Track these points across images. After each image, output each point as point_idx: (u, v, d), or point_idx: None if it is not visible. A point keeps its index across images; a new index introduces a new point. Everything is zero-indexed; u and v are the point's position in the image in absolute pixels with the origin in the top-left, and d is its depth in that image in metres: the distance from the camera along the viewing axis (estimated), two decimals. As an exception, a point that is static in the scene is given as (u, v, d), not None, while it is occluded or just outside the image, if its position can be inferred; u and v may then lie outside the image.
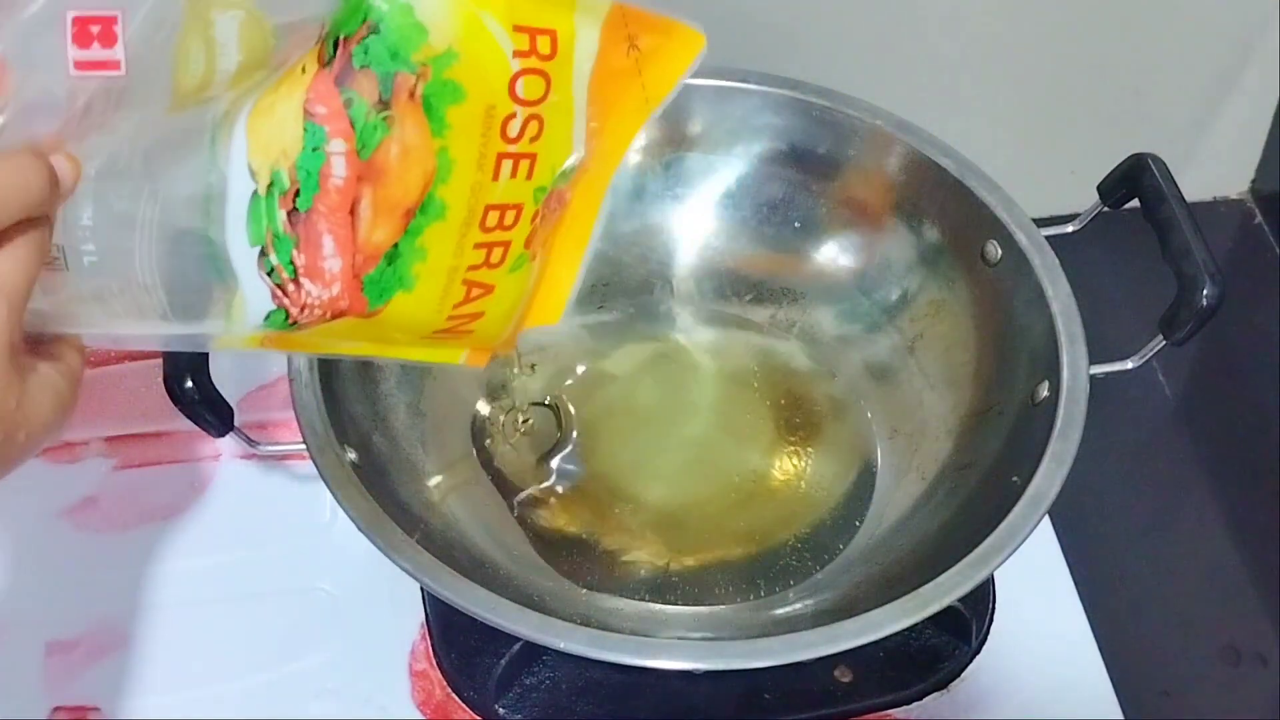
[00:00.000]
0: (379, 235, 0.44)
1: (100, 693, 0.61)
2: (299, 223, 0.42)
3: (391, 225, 0.45)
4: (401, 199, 0.45)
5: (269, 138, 0.42)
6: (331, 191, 0.43)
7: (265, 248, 0.42)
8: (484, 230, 0.48)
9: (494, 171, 0.47)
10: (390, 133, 0.44)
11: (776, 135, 0.71)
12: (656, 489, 0.67)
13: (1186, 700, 0.68)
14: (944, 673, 0.63)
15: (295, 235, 0.42)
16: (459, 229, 0.47)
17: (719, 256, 0.74)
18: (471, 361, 0.52)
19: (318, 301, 0.44)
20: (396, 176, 0.44)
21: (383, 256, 0.45)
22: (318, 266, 0.43)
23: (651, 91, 0.51)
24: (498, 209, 0.48)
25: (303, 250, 0.43)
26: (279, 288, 0.43)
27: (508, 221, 0.49)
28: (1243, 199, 0.96)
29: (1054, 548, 0.68)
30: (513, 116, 0.47)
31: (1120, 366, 0.59)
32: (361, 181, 0.43)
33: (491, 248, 0.49)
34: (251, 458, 0.69)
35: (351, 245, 0.44)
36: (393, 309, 0.46)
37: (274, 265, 0.42)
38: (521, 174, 0.48)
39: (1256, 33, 0.86)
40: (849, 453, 0.68)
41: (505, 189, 0.48)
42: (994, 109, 0.87)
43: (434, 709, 0.62)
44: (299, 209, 0.42)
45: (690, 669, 0.51)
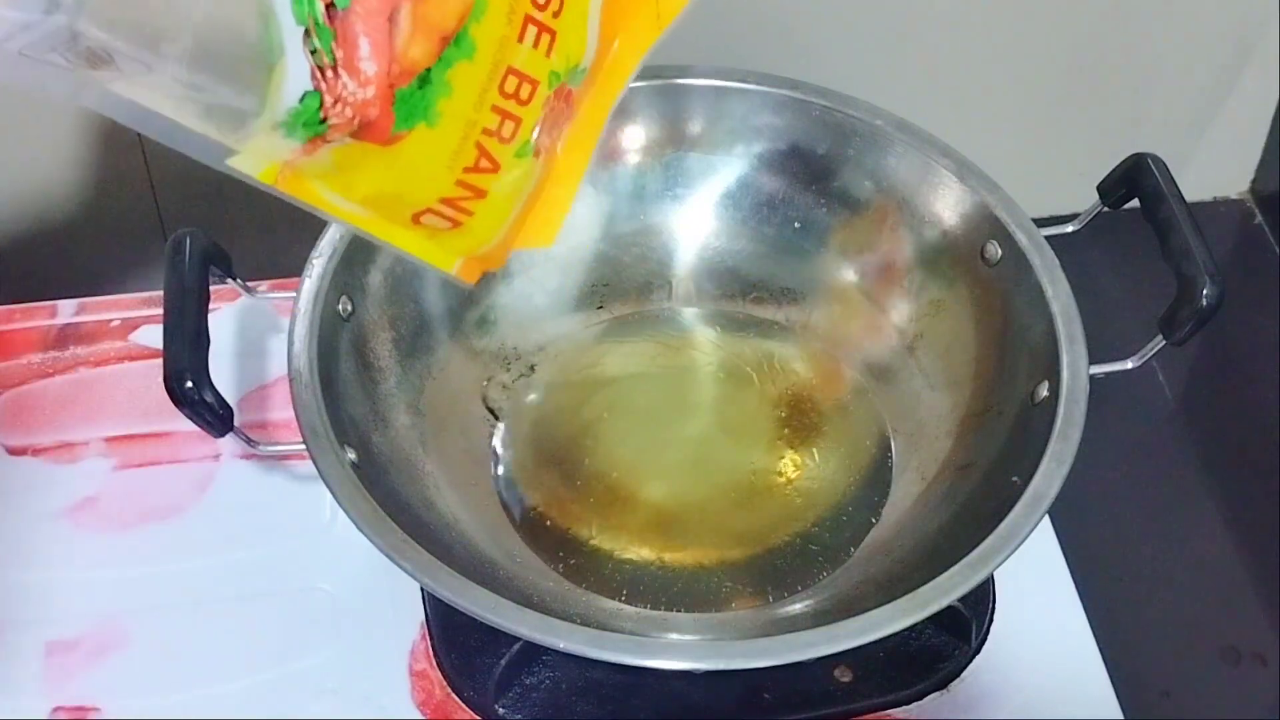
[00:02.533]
0: (415, 52, 0.45)
1: (100, 693, 0.61)
2: (336, 18, 0.43)
3: (428, 46, 0.45)
4: (439, 22, 0.45)
5: None
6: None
7: (309, 30, 0.42)
8: (502, 95, 0.49)
9: (520, 32, 0.48)
10: None
11: (776, 135, 0.71)
12: (657, 489, 0.67)
13: (1186, 700, 0.68)
14: (944, 673, 0.63)
15: (333, 29, 0.43)
16: (483, 79, 0.48)
17: (719, 256, 0.74)
18: (464, 274, 0.52)
19: (352, 98, 0.44)
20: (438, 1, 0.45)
21: (416, 76, 0.45)
22: (355, 64, 0.44)
23: (664, 15, 0.52)
24: (517, 76, 0.49)
25: (340, 45, 0.43)
26: (319, 70, 0.43)
27: (524, 95, 0.49)
28: (1243, 199, 0.96)
29: (1054, 548, 0.67)
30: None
31: (1120, 366, 0.59)
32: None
33: (505, 117, 0.49)
34: (251, 458, 0.69)
35: (388, 53, 0.44)
36: (412, 141, 0.46)
37: (316, 47, 0.43)
38: (543, 47, 0.49)
39: (1256, 33, 0.87)
40: (854, 452, 0.68)
41: (527, 57, 0.49)
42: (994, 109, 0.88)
43: (434, 709, 0.62)
44: (337, 5, 0.43)
45: (690, 669, 0.51)
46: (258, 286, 0.66)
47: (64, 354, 0.74)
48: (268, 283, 0.71)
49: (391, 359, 0.65)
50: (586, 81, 0.53)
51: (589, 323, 0.73)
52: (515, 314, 0.71)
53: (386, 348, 0.65)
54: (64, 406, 0.72)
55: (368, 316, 0.64)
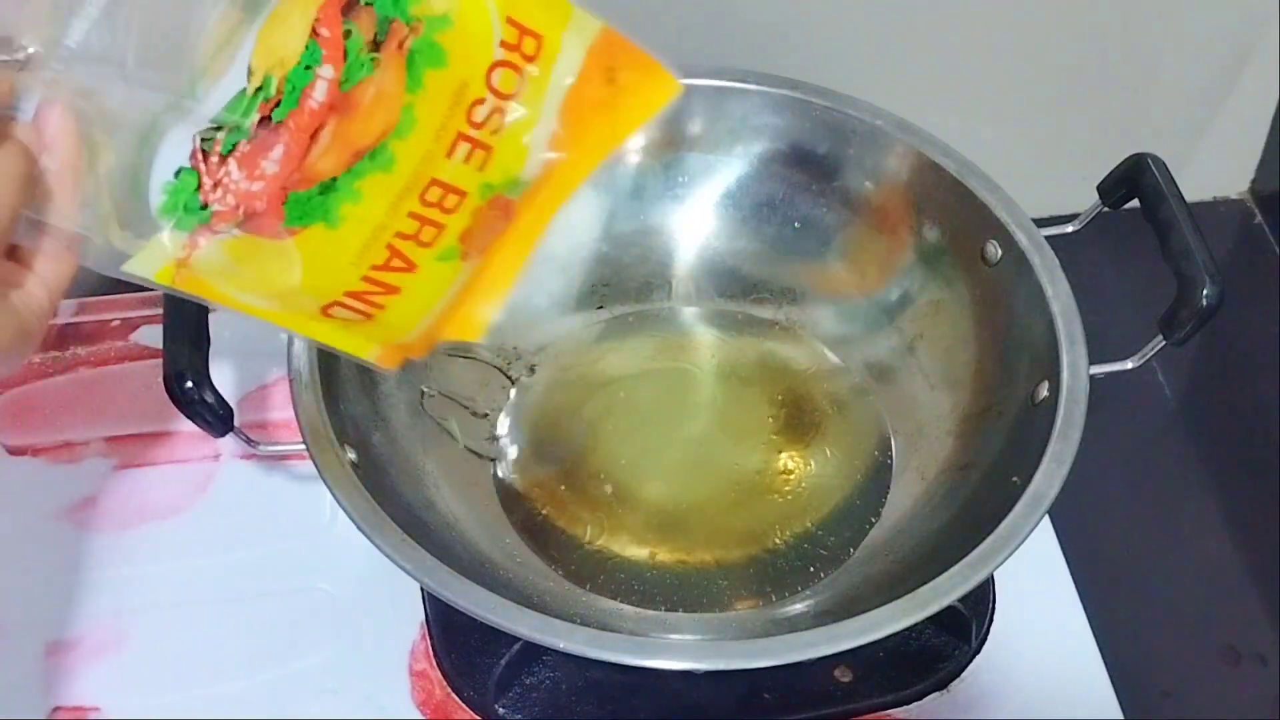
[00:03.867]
0: (324, 164, 0.46)
1: (100, 693, 0.61)
2: (266, 128, 0.44)
3: (339, 159, 0.46)
4: (358, 138, 0.46)
5: (274, 44, 0.44)
6: (306, 112, 0.45)
7: (223, 127, 0.43)
8: (423, 203, 0.49)
9: (449, 148, 0.49)
10: (372, 74, 0.46)
11: (776, 135, 0.71)
12: (657, 489, 0.67)
13: (1186, 700, 0.68)
14: (944, 673, 0.63)
15: (255, 134, 0.44)
16: (400, 189, 0.48)
17: (719, 256, 0.74)
18: (383, 361, 0.51)
19: (234, 187, 0.44)
20: (362, 116, 0.46)
21: (318, 184, 0.46)
22: (255, 161, 0.44)
23: (620, 128, 0.52)
24: (441, 187, 0.49)
25: (252, 145, 0.44)
26: (202, 154, 0.43)
27: (448, 204, 0.50)
28: (1243, 199, 0.96)
29: (1054, 548, 0.68)
30: (481, 101, 0.49)
31: (1120, 366, 0.59)
32: (333, 111, 0.45)
33: (425, 224, 0.49)
34: (251, 458, 0.69)
35: (297, 162, 0.45)
36: (308, 239, 0.46)
37: (213, 138, 0.43)
38: (475, 163, 0.49)
39: (1256, 33, 0.87)
40: (854, 452, 0.68)
41: (455, 171, 0.49)
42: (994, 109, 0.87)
43: (434, 709, 0.62)
44: (273, 119, 0.44)
45: (690, 669, 0.51)
46: (258, 286, 0.66)
47: (64, 354, 0.74)
48: (268, 283, 0.71)
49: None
50: (530, 190, 0.52)
51: (589, 323, 0.73)
52: (515, 314, 0.71)
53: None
54: (64, 406, 0.72)
55: (368, 316, 0.64)
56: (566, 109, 0.51)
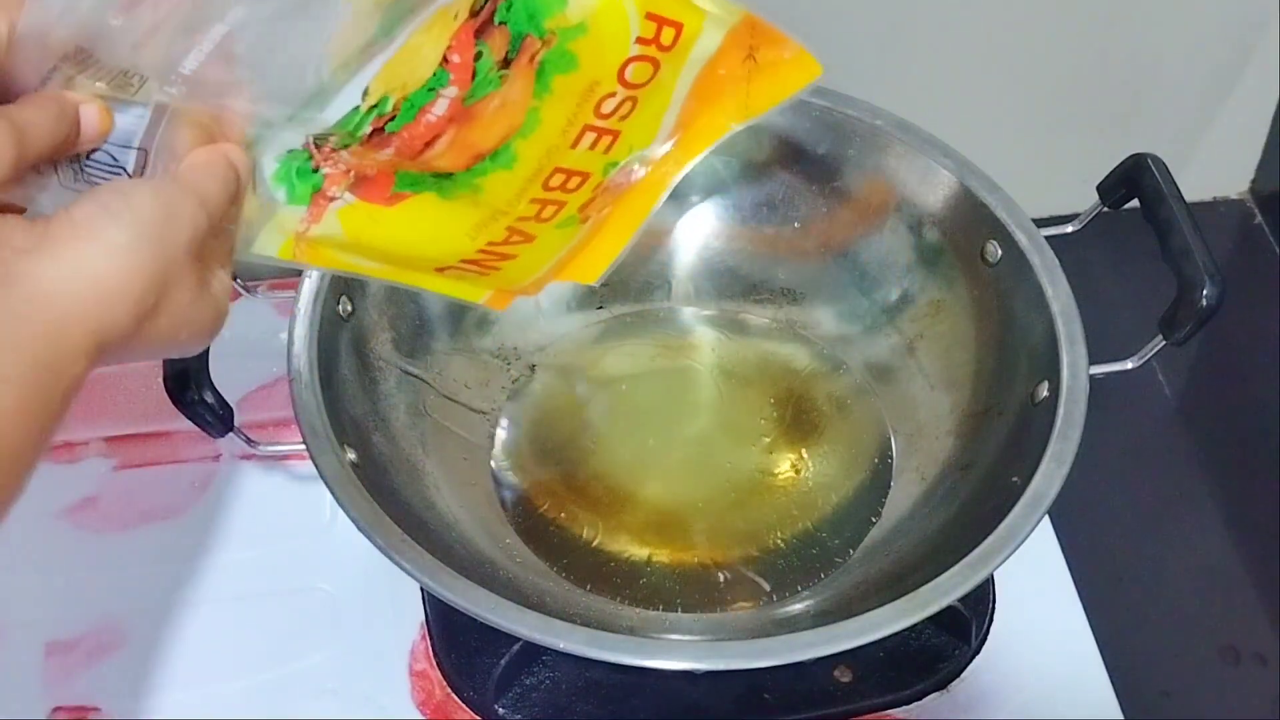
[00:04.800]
0: (442, 163, 0.45)
1: (100, 693, 0.61)
2: (377, 136, 0.43)
3: (458, 159, 0.45)
4: (478, 143, 0.45)
5: (398, 72, 0.42)
6: (421, 124, 0.44)
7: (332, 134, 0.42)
8: (545, 189, 0.48)
9: (575, 140, 0.48)
10: (499, 88, 0.44)
11: (776, 135, 0.71)
12: (657, 489, 0.67)
13: (1186, 700, 0.68)
14: (944, 673, 0.63)
15: (366, 141, 0.43)
16: (523, 182, 0.47)
17: (719, 256, 0.74)
18: (493, 303, 0.52)
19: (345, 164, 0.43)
20: (484, 125, 0.45)
21: (432, 173, 0.45)
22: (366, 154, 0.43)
23: (753, 101, 0.51)
24: (565, 173, 0.49)
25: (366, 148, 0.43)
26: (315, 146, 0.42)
27: (571, 185, 0.49)
28: (1243, 199, 0.96)
29: (1054, 548, 0.67)
30: (612, 95, 0.47)
31: (1120, 366, 0.59)
32: (452, 122, 0.44)
33: (546, 204, 0.49)
34: (251, 458, 0.70)
35: (410, 160, 0.44)
36: (419, 206, 0.46)
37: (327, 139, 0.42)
38: (600, 147, 0.49)
39: (1256, 33, 0.87)
40: (854, 452, 0.68)
41: (579, 157, 0.48)
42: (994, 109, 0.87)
43: (434, 709, 0.62)
44: (386, 130, 0.43)
45: (690, 669, 0.51)
46: (258, 287, 0.66)
47: (64, 354, 0.74)
48: (267, 283, 0.71)
49: (391, 359, 0.65)
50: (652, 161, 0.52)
51: (589, 323, 0.73)
52: (515, 314, 0.71)
53: (386, 348, 0.65)
54: (64, 406, 0.72)
55: (367, 317, 0.64)
56: (698, 84, 0.50)
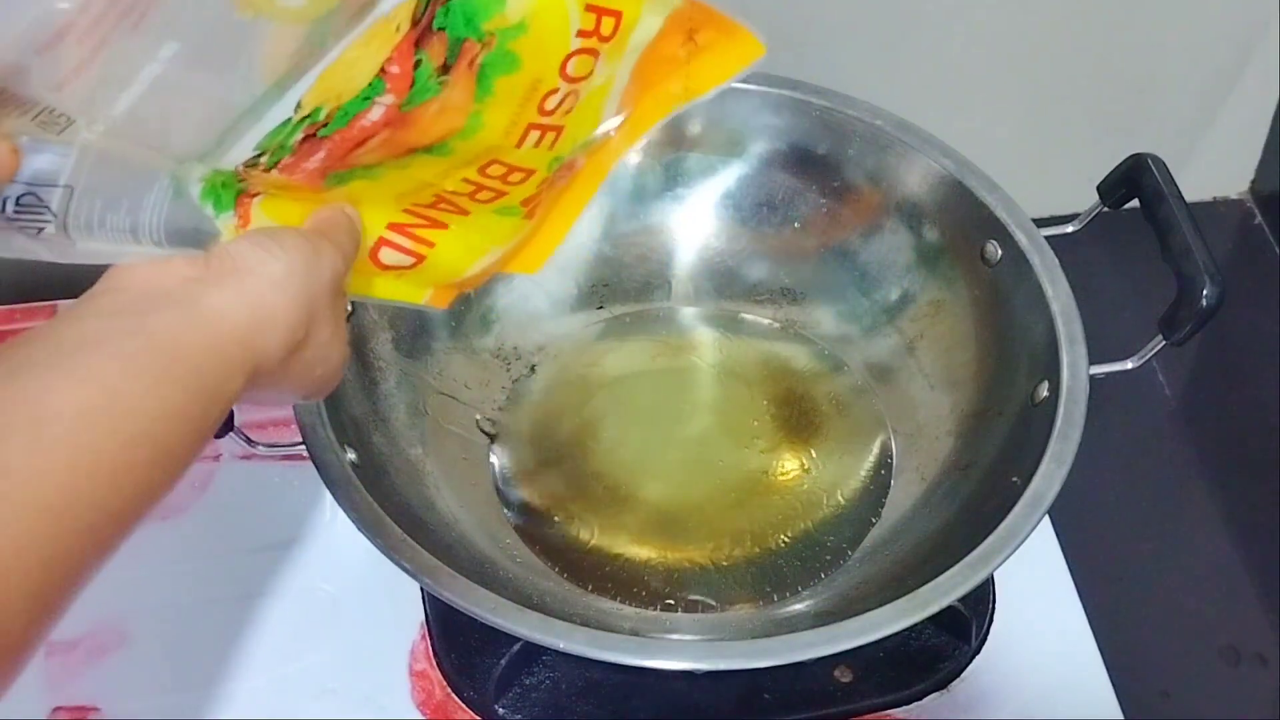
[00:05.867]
0: (369, 159, 0.44)
1: (100, 693, 0.61)
2: (309, 142, 0.43)
3: (389, 155, 0.45)
4: (413, 142, 0.45)
5: (333, 84, 0.42)
6: (355, 129, 0.43)
7: (266, 151, 0.42)
8: (482, 174, 0.48)
9: (519, 139, 0.47)
10: (438, 95, 0.44)
11: (776, 135, 0.71)
12: (657, 489, 0.67)
13: (1186, 700, 0.68)
14: (944, 673, 0.63)
15: (298, 149, 0.43)
16: (454, 167, 0.47)
17: (719, 256, 0.74)
18: (435, 301, 0.52)
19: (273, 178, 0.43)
20: (422, 129, 0.44)
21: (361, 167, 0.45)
22: (296, 167, 0.43)
23: (693, 83, 0.51)
24: (505, 165, 0.48)
25: (296, 157, 0.43)
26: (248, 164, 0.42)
27: (513, 179, 0.48)
28: (1243, 199, 0.96)
29: (1054, 548, 0.67)
30: (554, 91, 0.47)
31: (1120, 366, 0.59)
32: (388, 126, 0.43)
33: (480, 188, 0.48)
34: (251, 458, 0.69)
35: (340, 162, 0.44)
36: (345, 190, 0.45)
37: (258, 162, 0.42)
38: (545, 144, 0.48)
39: (1256, 33, 0.87)
40: (854, 452, 0.68)
41: (524, 155, 0.48)
42: (994, 109, 0.87)
43: (434, 709, 0.62)
44: (318, 135, 0.43)
45: (690, 669, 0.51)
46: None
47: (64, 354, 0.74)
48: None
49: (391, 359, 0.65)
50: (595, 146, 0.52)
51: (589, 323, 0.73)
52: (515, 314, 0.71)
53: (386, 348, 0.65)
54: (64, 406, 0.72)
55: (368, 316, 0.64)
56: (639, 69, 0.49)
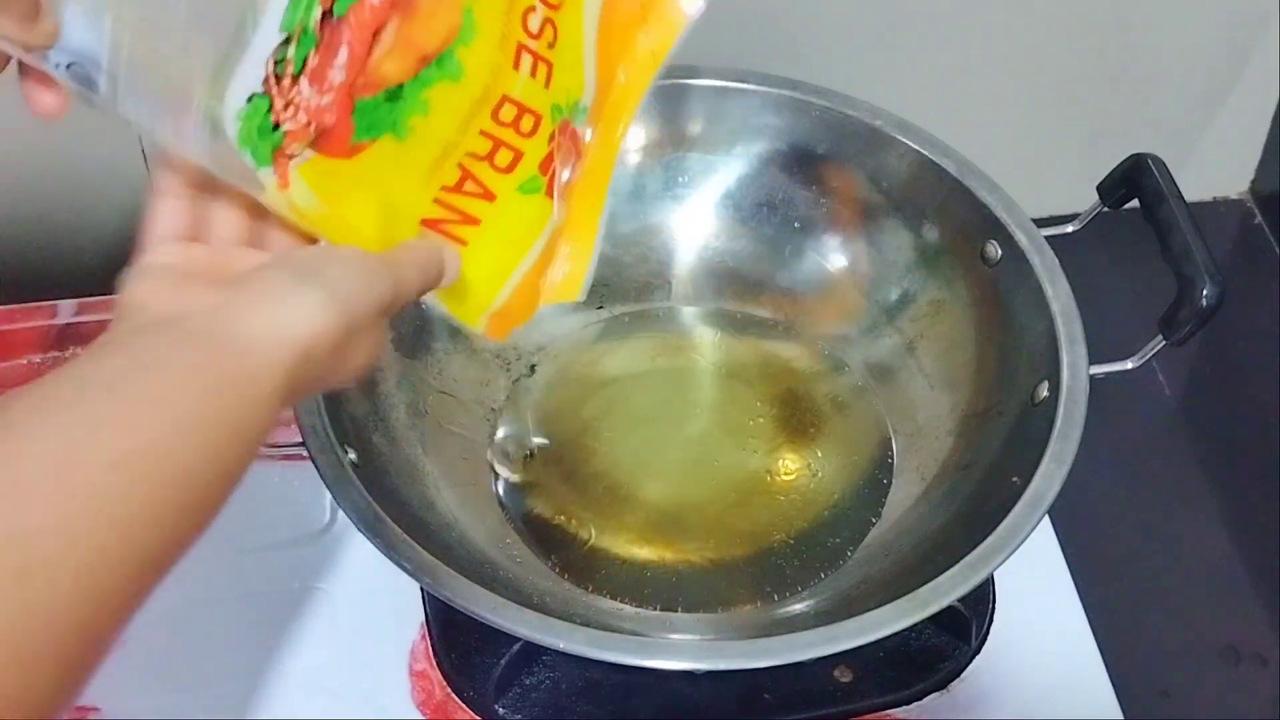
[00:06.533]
0: (388, 67, 0.45)
1: (100, 693, 0.61)
2: (328, 26, 0.43)
3: (404, 63, 0.45)
4: (422, 41, 0.45)
5: None
6: (366, 7, 0.44)
7: (291, 37, 0.42)
8: (496, 121, 0.48)
9: (514, 59, 0.48)
10: None
11: (776, 135, 0.71)
12: (657, 489, 0.67)
13: (1186, 700, 0.68)
14: (944, 673, 0.63)
15: (320, 36, 0.43)
16: (470, 103, 0.47)
17: (719, 256, 0.74)
18: (491, 332, 0.52)
19: (307, 104, 0.43)
20: (424, 16, 0.45)
21: (383, 90, 0.45)
22: (324, 72, 0.44)
23: (656, 42, 0.52)
24: (515, 105, 0.49)
25: (319, 53, 0.43)
26: (275, 78, 0.42)
27: (525, 127, 0.49)
28: (1243, 199, 0.96)
29: (1054, 548, 0.67)
30: (533, 10, 0.48)
31: (1120, 366, 0.59)
32: (394, 9, 0.44)
33: (499, 145, 0.49)
34: (251, 458, 0.69)
35: (362, 64, 0.44)
36: (376, 153, 0.46)
37: (286, 57, 0.42)
38: (540, 77, 0.49)
39: (1256, 33, 0.87)
40: (854, 452, 0.68)
41: (525, 87, 0.48)
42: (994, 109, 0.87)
43: (434, 709, 0.62)
44: (334, 13, 0.43)
45: (690, 669, 0.51)
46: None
47: (64, 354, 0.74)
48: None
49: (391, 359, 0.65)
50: (591, 121, 0.52)
51: (589, 322, 0.73)
52: (515, 314, 0.71)
53: (387, 348, 0.65)
54: (64, 406, 0.72)
55: (368, 316, 0.64)
56: (603, 32, 0.50)
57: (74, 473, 0.31)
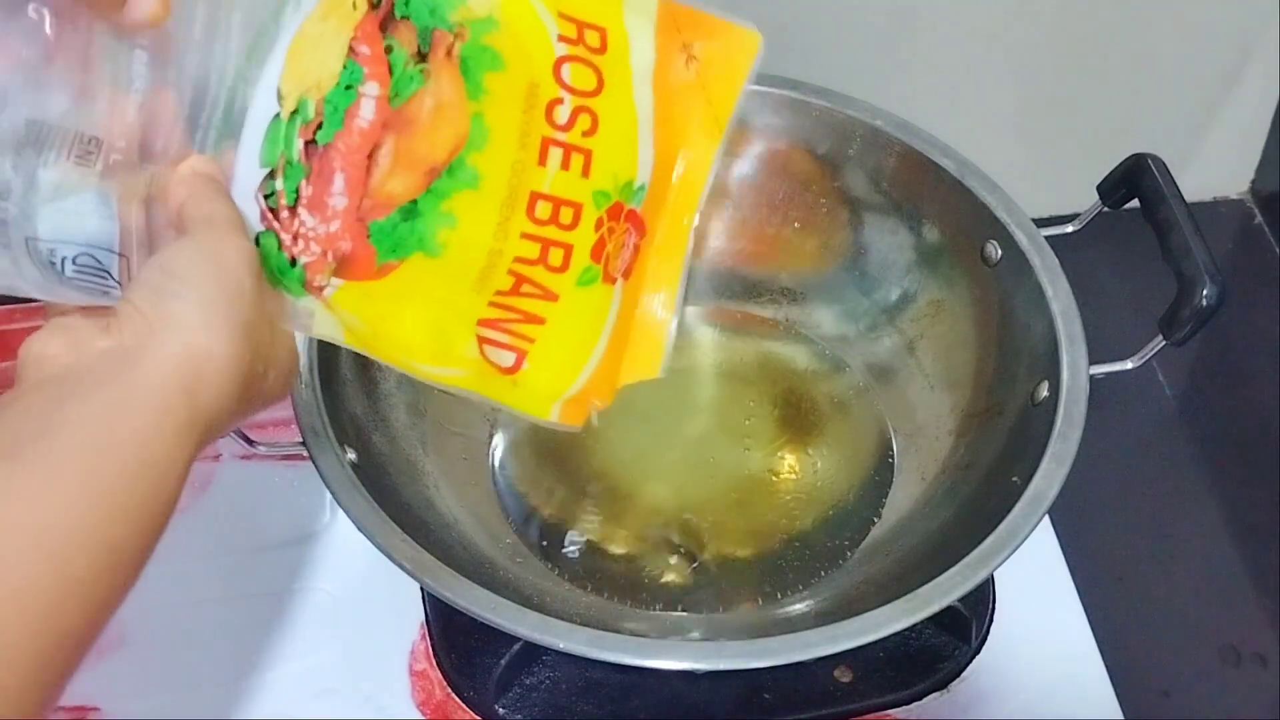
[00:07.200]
0: (394, 185, 0.44)
1: (100, 693, 0.61)
2: (314, 155, 0.42)
3: (411, 180, 0.44)
4: (426, 155, 0.44)
5: (306, 67, 0.41)
6: (355, 132, 0.42)
7: (275, 170, 0.41)
8: (533, 220, 0.47)
9: (540, 155, 0.46)
10: (425, 85, 0.43)
11: (776, 135, 0.71)
12: (657, 489, 0.67)
13: (1186, 700, 0.68)
14: (944, 673, 0.63)
15: (309, 166, 0.42)
16: (498, 207, 0.46)
17: (719, 256, 0.74)
18: (567, 419, 0.50)
19: (314, 234, 0.42)
20: (425, 130, 0.44)
21: (397, 209, 0.44)
22: (322, 200, 0.43)
23: (719, 106, 0.50)
24: (549, 201, 0.47)
25: (312, 182, 0.42)
26: (271, 212, 0.42)
27: (564, 219, 0.48)
28: (1243, 199, 0.96)
29: (1054, 548, 0.68)
30: (559, 102, 0.46)
31: (1120, 366, 0.59)
32: (387, 128, 0.43)
33: (548, 246, 0.47)
34: (251, 458, 0.69)
35: (361, 188, 0.43)
36: (410, 272, 0.45)
37: (276, 190, 0.42)
38: (575, 169, 0.47)
39: (1256, 33, 0.86)
40: (854, 452, 0.68)
41: (557, 181, 0.47)
42: (994, 109, 0.87)
43: (434, 709, 0.62)
44: (318, 142, 0.42)
45: (690, 669, 0.51)
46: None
47: (64, 354, 0.74)
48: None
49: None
50: (654, 198, 0.51)
51: (589, 323, 0.73)
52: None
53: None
54: (64, 406, 0.72)
55: (368, 316, 0.64)
56: (659, 100, 0.49)
57: None
